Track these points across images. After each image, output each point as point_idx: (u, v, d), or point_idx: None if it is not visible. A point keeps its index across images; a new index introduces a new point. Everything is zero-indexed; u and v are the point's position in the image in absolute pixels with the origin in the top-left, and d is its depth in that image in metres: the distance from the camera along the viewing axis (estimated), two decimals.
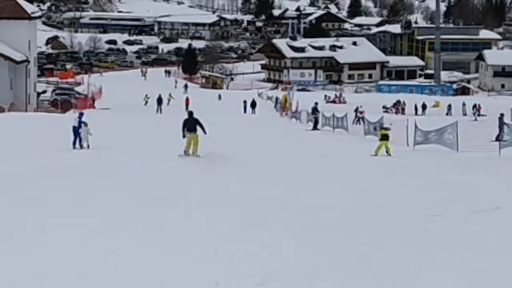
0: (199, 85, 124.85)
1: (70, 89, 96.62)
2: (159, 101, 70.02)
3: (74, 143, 30.34)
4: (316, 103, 51.08)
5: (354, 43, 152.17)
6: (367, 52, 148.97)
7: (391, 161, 27.91)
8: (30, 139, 34.99)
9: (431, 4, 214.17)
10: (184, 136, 26.10)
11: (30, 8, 78.97)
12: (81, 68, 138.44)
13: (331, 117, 46.92)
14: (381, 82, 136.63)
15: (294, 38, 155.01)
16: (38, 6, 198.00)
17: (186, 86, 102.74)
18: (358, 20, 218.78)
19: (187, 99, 72.19)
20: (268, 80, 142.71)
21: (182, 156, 25.63)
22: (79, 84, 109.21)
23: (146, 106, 75.41)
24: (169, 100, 76.03)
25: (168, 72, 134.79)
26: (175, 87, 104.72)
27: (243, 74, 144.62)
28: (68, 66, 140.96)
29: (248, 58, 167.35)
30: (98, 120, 35.91)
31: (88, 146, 30.32)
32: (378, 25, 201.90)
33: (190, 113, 26.97)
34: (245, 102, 72.97)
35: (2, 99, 68.29)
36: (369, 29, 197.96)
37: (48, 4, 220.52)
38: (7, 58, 70.18)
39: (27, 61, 73.03)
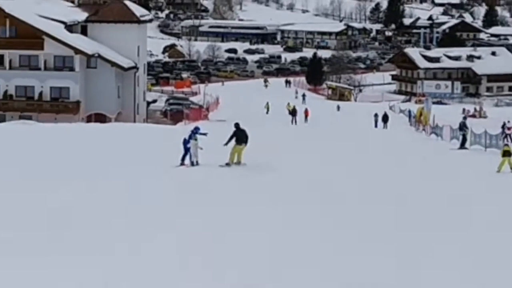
0: (325, 97, 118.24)
1: (185, 99, 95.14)
2: (293, 112, 68.65)
3: (183, 158, 28.40)
4: (465, 118, 48.04)
5: (493, 53, 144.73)
6: (508, 62, 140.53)
7: None
8: (130, 153, 33.18)
9: None
10: (226, 144, 27.43)
11: (139, 11, 76.39)
12: (198, 77, 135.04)
13: (483, 134, 42.62)
14: None
15: (428, 48, 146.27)
16: (156, 14, 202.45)
17: (304, 96, 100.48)
18: (494, 29, 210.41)
19: (306, 110, 71.49)
20: (399, 91, 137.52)
21: (223, 166, 27.11)
22: (195, 94, 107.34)
23: (268, 115, 76.35)
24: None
25: (288, 82, 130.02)
26: (296, 97, 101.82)
27: (372, 85, 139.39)
28: (185, 75, 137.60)
29: (377, 69, 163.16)
30: (212, 133, 31.55)
31: (197, 162, 28.21)
32: None
33: (237, 125, 28.10)
34: (376, 115, 69.62)
35: (109, 109, 67.60)
36: (507, 39, 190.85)
37: (166, 11, 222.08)
38: (114, 64, 67.71)
39: (136, 67, 70.53)
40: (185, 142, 28.30)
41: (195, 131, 28.50)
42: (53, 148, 34.39)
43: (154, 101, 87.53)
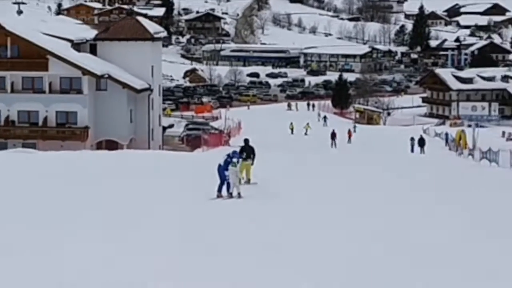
0: (353, 120, 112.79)
1: (205, 124, 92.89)
2: (333, 135, 71.40)
3: (220, 189, 24.73)
4: None
5: None
6: None
7: None
8: (148, 185, 28.10)
9: None
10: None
11: (153, 27, 70.98)
12: (219, 101, 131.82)
13: None
14: None
15: (460, 68, 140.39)
16: (177, 38, 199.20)
17: (325, 119, 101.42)
18: None
19: (349, 131, 77.71)
20: (431, 114, 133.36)
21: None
22: (216, 118, 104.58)
23: (293, 135, 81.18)
24: (306, 129, 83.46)
25: (312, 106, 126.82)
26: (318, 120, 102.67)
27: (401, 108, 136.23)
28: (205, 99, 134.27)
29: (405, 91, 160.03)
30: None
31: (238, 194, 24.55)
32: None
33: (246, 141, 27.64)
34: (412, 139, 67.12)
35: (120, 134, 63.41)
36: None
37: (188, 36, 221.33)
38: (125, 85, 62.99)
39: (150, 89, 65.65)
40: (220, 168, 24.63)
41: (233, 155, 25.09)
42: (52, 180, 29.27)
43: (171, 126, 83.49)
